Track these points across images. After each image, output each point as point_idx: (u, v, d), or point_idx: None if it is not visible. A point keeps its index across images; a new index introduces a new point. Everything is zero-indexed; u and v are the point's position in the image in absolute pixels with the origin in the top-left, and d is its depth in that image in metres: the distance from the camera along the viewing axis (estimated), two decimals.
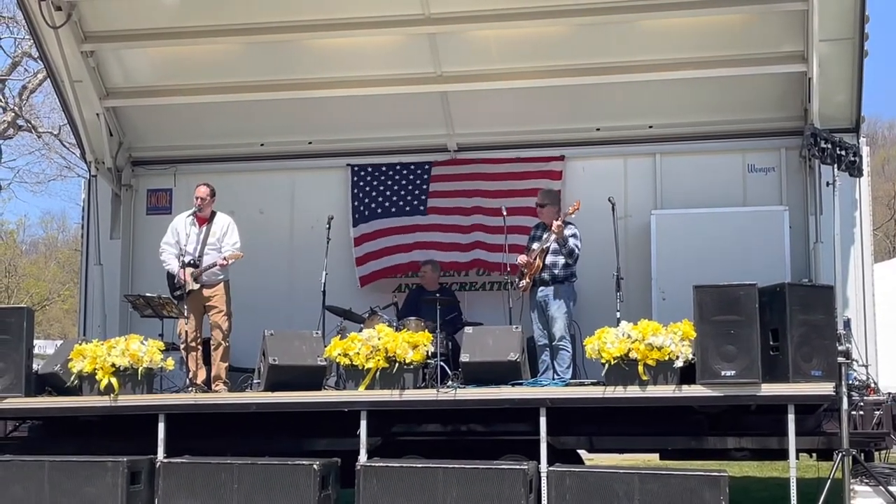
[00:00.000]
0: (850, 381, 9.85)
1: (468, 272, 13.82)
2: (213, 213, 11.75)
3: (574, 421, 10.34)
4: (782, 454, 9.70)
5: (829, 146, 10.58)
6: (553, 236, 11.30)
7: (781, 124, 13.17)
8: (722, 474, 9.20)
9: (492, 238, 13.01)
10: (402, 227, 13.99)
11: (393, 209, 14.06)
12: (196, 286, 11.40)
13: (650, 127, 13.62)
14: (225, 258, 11.43)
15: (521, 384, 10.25)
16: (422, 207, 14.02)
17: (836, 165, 10.64)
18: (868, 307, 12.37)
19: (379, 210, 14.06)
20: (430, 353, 10.38)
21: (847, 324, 11.51)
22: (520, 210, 12.46)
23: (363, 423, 10.11)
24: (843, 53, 12.30)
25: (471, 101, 13.70)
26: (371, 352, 10.22)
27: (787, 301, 9.39)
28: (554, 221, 11.32)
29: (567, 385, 10.60)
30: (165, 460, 10.34)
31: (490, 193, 13.54)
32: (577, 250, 11.34)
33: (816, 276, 12.19)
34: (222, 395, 11.05)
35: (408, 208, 14.04)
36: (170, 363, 10.98)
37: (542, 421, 9.78)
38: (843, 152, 10.61)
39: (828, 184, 11.33)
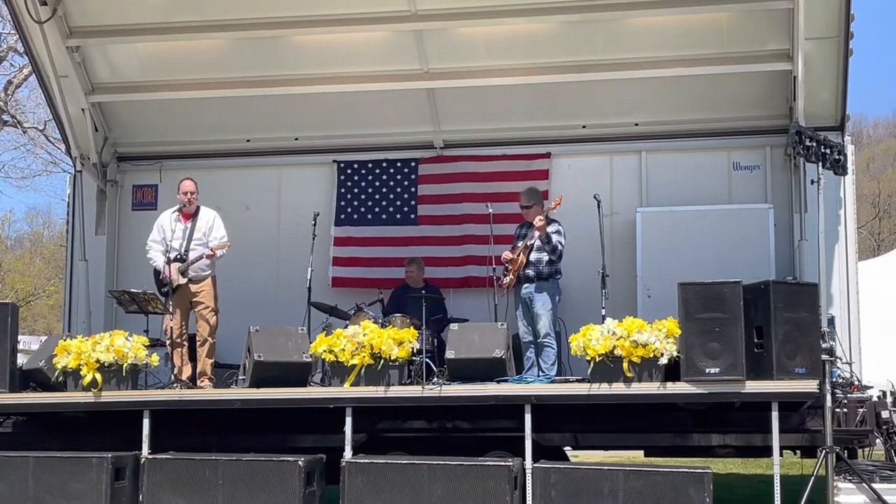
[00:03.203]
0: (834, 379, 9.89)
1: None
2: (197, 208, 11.73)
3: (559, 418, 10.36)
4: (766, 451, 9.76)
5: (814, 144, 10.59)
6: (537, 233, 11.33)
7: (766, 122, 13.21)
8: (706, 471, 9.20)
9: (482, 250, 12.95)
10: (394, 238, 14.02)
11: (383, 215, 14.12)
12: (183, 281, 11.38)
13: (636, 124, 13.65)
14: (212, 249, 11.42)
15: (506, 381, 10.25)
16: (412, 216, 14.07)
17: (820, 163, 10.65)
18: (852, 305, 12.41)
19: (369, 215, 14.12)
20: (415, 350, 10.38)
21: (831, 321, 11.54)
22: (508, 217, 12.41)
23: (348, 420, 10.10)
24: (829, 52, 12.33)
25: (457, 98, 13.72)
26: (356, 348, 10.21)
27: (772, 299, 9.41)
28: (536, 216, 11.34)
29: (552, 382, 10.61)
30: (150, 456, 10.31)
31: (479, 197, 13.47)
32: (560, 247, 11.35)
33: (801, 274, 12.23)
34: (207, 392, 11.03)
35: (398, 216, 14.09)
36: (155, 359, 10.96)
37: (528, 418, 9.79)
38: (828, 150, 10.62)
39: (812, 182, 11.33)
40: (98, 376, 10.50)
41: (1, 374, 10.67)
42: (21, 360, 11.37)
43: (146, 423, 10.46)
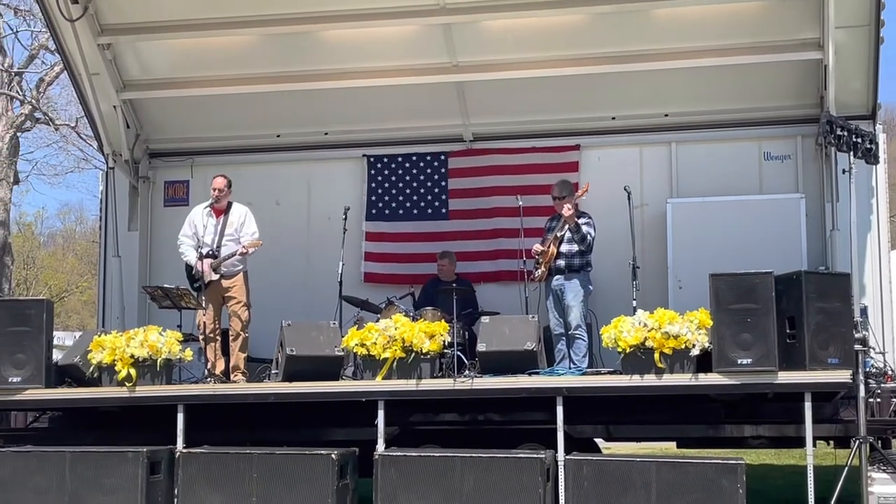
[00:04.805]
0: (867, 369, 9.85)
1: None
2: (229, 204, 11.81)
3: (591, 410, 10.35)
4: (799, 442, 9.71)
5: (845, 133, 10.54)
6: (567, 224, 11.33)
7: (797, 112, 13.13)
8: (739, 462, 9.20)
9: (513, 243, 12.88)
10: (425, 233, 14.05)
11: (414, 210, 14.14)
12: (215, 277, 11.46)
13: (666, 115, 13.59)
14: (244, 247, 11.48)
15: (537, 373, 10.26)
16: (443, 210, 14.09)
17: (852, 153, 10.60)
18: (885, 294, 12.36)
19: (400, 210, 14.15)
20: (446, 343, 10.40)
21: (864, 311, 11.47)
22: (538, 210, 12.44)
23: (381, 413, 10.14)
24: (859, 40, 12.26)
25: (486, 91, 13.69)
26: (388, 342, 10.24)
27: (804, 289, 9.38)
28: (565, 205, 11.33)
29: (583, 374, 10.63)
30: (185, 450, 10.39)
31: (509, 190, 13.45)
32: (589, 237, 11.36)
33: (833, 264, 12.18)
34: (241, 386, 11.10)
35: (429, 210, 14.11)
36: (188, 354, 11.03)
37: (559, 410, 9.80)
38: (859, 139, 10.57)
39: (844, 171, 11.29)
40: (132, 371, 10.58)
41: (37, 370, 10.73)
42: (55, 355, 11.46)
43: (180, 417, 10.53)
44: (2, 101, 27.95)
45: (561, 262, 11.40)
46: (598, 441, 11.32)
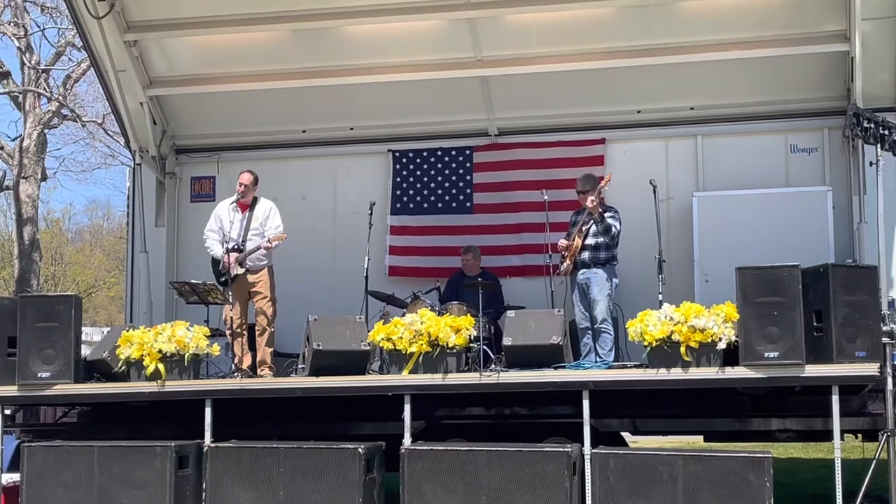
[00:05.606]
0: (895, 362, 9.80)
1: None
2: (255, 199, 11.86)
3: (617, 403, 10.33)
4: (827, 435, 9.68)
5: (872, 126, 10.48)
6: (592, 217, 11.31)
7: (824, 104, 13.09)
8: (766, 455, 9.17)
9: (538, 238, 12.85)
10: (450, 226, 14.08)
11: (439, 204, 14.16)
12: (241, 271, 11.51)
13: (691, 108, 13.57)
14: (269, 240, 11.52)
15: (563, 367, 10.25)
16: (468, 204, 14.11)
17: (879, 145, 10.55)
18: None
19: (425, 204, 14.18)
20: (472, 337, 10.41)
21: (891, 304, 11.42)
22: (563, 204, 12.42)
23: (407, 407, 10.15)
24: (886, 32, 12.20)
25: (511, 86, 13.70)
26: (414, 336, 10.24)
27: (831, 282, 9.33)
28: (589, 197, 11.30)
29: (610, 368, 10.60)
30: (213, 445, 10.43)
31: (534, 184, 13.42)
32: (614, 229, 11.30)
33: (860, 257, 12.13)
34: (268, 380, 11.15)
35: (454, 204, 14.13)
36: (215, 349, 11.07)
37: (585, 403, 9.78)
38: (887, 131, 10.51)
39: (871, 163, 11.22)
40: (161, 366, 10.62)
41: (66, 365, 10.79)
42: (84, 351, 11.52)
43: (208, 411, 10.56)
44: (29, 97, 28.11)
45: (586, 256, 11.37)
46: (625, 435, 11.30)
